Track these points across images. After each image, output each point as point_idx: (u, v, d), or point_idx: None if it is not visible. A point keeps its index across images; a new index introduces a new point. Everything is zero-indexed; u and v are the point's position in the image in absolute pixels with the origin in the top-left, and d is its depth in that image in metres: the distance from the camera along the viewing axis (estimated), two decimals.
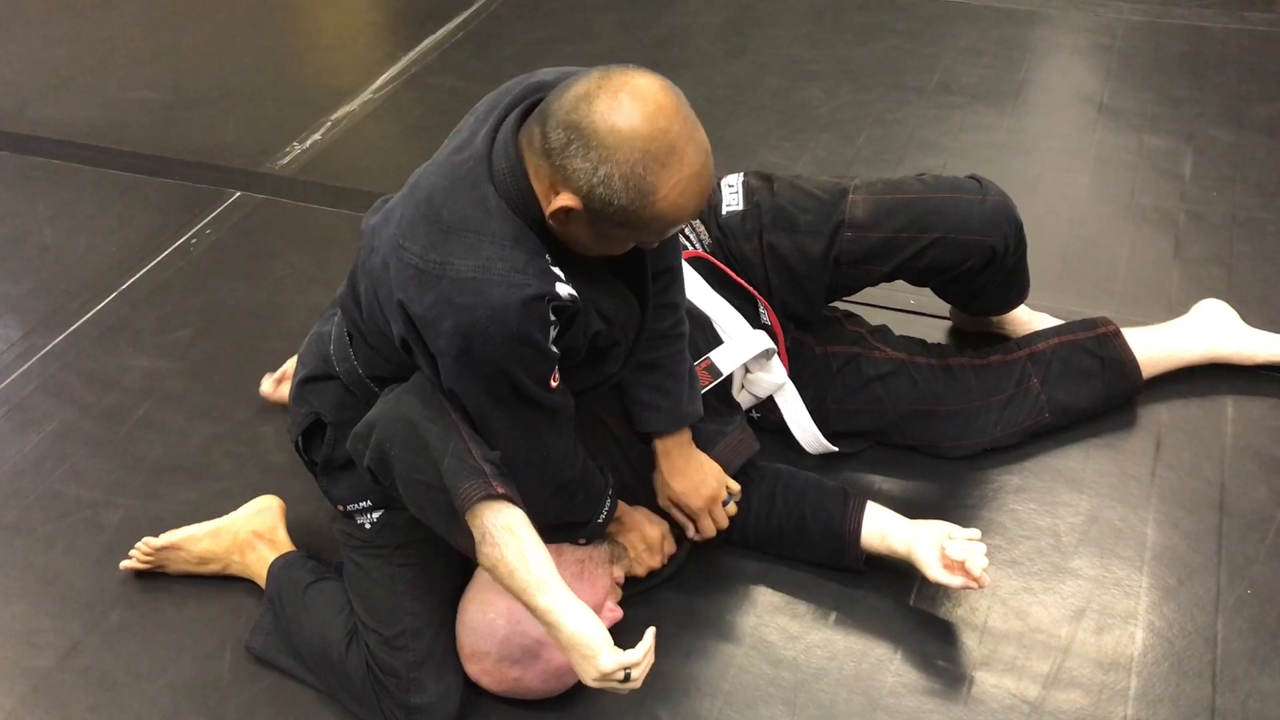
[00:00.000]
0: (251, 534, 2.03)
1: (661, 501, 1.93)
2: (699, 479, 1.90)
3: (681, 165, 1.45)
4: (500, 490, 1.57)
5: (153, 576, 2.07)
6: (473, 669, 1.79)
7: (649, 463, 1.92)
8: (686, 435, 1.91)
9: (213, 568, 2.04)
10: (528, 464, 1.67)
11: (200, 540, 2.03)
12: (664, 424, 1.88)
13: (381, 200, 1.74)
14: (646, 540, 1.92)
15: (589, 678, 1.54)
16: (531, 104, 1.56)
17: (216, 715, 1.84)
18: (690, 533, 1.95)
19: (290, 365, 2.37)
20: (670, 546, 1.96)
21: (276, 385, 2.37)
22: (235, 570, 2.04)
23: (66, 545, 2.16)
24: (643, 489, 1.94)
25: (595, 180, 1.44)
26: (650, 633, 1.57)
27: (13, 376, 2.58)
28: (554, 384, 1.63)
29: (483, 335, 1.50)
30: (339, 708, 1.83)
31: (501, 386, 1.58)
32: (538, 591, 1.55)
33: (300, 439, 1.88)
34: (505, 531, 1.56)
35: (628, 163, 1.42)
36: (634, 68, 1.48)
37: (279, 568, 1.96)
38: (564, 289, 1.55)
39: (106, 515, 2.21)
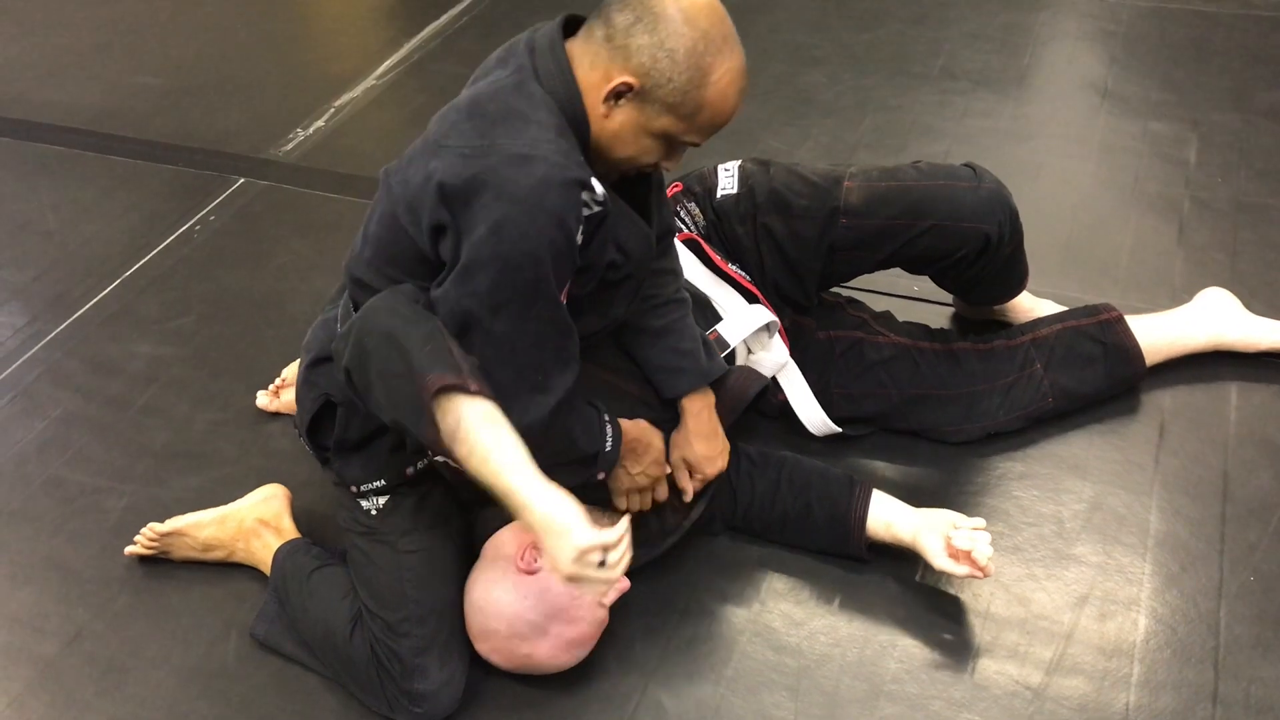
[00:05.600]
0: (257, 521, 2.03)
1: (675, 457, 1.92)
2: (720, 448, 1.91)
3: (733, 55, 1.58)
4: (474, 387, 1.52)
5: (157, 562, 2.07)
6: (483, 647, 1.79)
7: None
8: (713, 399, 1.92)
9: (217, 555, 2.05)
10: (527, 370, 1.63)
11: (205, 527, 2.04)
12: (691, 383, 1.89)
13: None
14: (655, 463, 1.88)
15: (565, 561, 1.46)
16: (563, 21, 1.66)
17: (222, 701, 1.85)
18: (688, 498, 1.93)
19: (288, 373, 2.37)
20: (658, 470, 1.89)
21: (274, 396, 2.37)
22: (240, 558, 2.04)
23: (71, 531, 2.17)
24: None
25: (659, 54, 1.54)
26: (625, 519, 1.53)
27: (17, 363, 2.59)
28: (563, 297, 1.62)
29: (523, 206, 1.51)
30: (343, 693, 1.84)
31: (524, 271, 1.55)
32: (507, 473, 1.50)
33: (309, 425, 1.87)
34: (479, 418, 1.51)
35: (691, 38, 1.54)
36: None
37: (284, 554, 1.97)
38: (598, 186, 1.58)
39: (111, 501, 2.22)
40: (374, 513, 1.83)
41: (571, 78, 1.60)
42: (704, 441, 1.90)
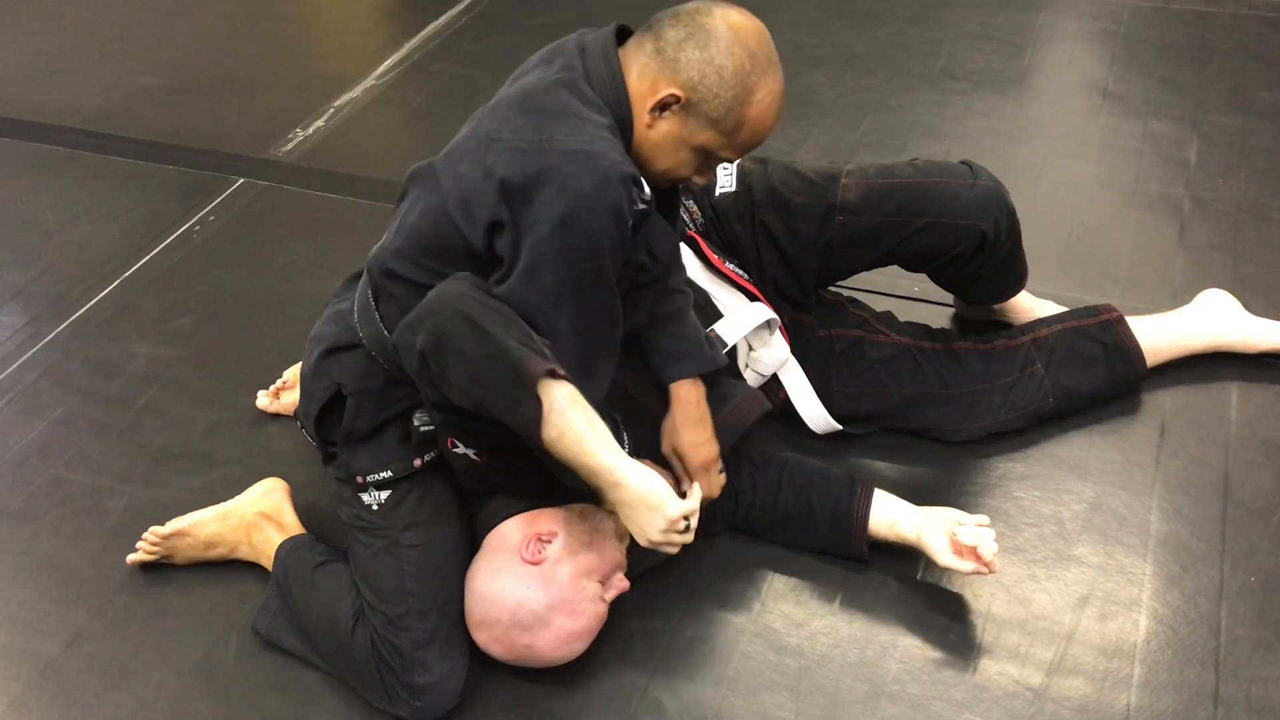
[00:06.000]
0: (258, 515, 2.04)
1: (665, 447, 1.91)
2: (707, 435, 1.90)
3: (776, 78, 1.65)
4: (562, 370, 1.60)
5: (158, 565, 2.07)
6: (483, 637, 1.79)
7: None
8: (703, 390, 1.91)
9: (220, 551, 2.05)
10: (580, 361, 1.67)
11: (207, 525, 2.04)
12: (693, 368, 1.89)
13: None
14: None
15: (655, 529, 1.63)
16: (615, 29, 1.72)
17: (222, 701, 1.85)
18: (686, 486, 1.90)
19: (290, 374, 2.37)
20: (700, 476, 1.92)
21: (274, 397, 2.37)
22: (242, 554, 2.04)
23: (72, 532, 2.16)
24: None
25: (708, 70, 1.60)
26: (697, 486, 1.76)
27: (17, 363, 2.59)
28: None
29: (587, 202, 1.55)
30: (345, 691, 1.84)
31: (586, 264, 1.60)
32: (603, 453, 1.61)
33: (317, 416, 1.87)
34: (569, 401, 1.60)
35: (739, 57, 1.60)
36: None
37: (287, 550, 1.97)
38: (646, 185, 1.64)
39: (111, 502, 2.21)
40: (375, 507, 1.84)
41: (623, 84, 1.65)
42: (692, 428, 1.88)
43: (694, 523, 1.65)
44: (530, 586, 1.74)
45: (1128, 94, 3.19)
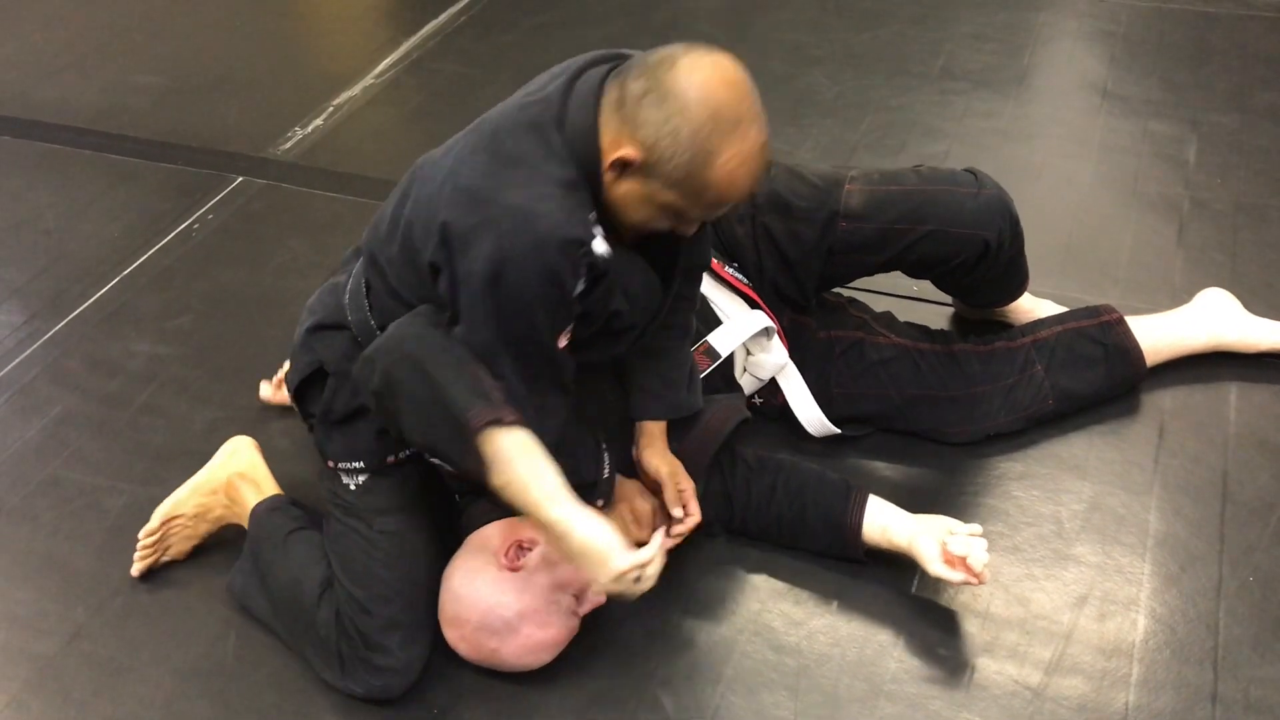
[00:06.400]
0: (234, 476, 2.04)
1: (643, 476, 1.93)
2: (670, 464, 1.91)
3: (744, 139, 1.51)
4: (510, 418, 1.58)
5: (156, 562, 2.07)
6: (451, 634, 1.80)
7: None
8: (664, 424, 1.92)
9: (212, 517, 2.05)
10: (529, 403, 1.65)
11: (188, 500, 2.04)
12: (660, 412, 1.90)
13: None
14: (636, 513, 1.91)
15: (604, 580, 1.58)
16: (616, 64, 1.60)
17: (221, 700, 1.85)
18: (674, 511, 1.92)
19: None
20: (673, 501, 1.92)
21: (277, 388, 2.36)
22: (233, 517, 2.05)
23: (70, 531, 2.16)
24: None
25: (664, 131, 1.48)
26: (659, 534, 1.66)
27: (15, 362, 2.58)
28: (561, 343, 1.63)
29: (518, 264, 1.52)
30: (342, 694, 1.83)
31: (518, 324, 1.58)
32: (550, 504, 1.58)
33: (298, 388, 1.89)
34: (517, 450, 1.57)
35: (697, 120, 1.48)
36: (718, 48, 1.55)
37: (262, 511, 1.98)
38: (601, 246, 1.57)
39: (109, 500, 2.21)
40: (353, 488, 1.85)
41: (595, 136, 1.55)
42: (655, 457, 1.90)
43: (651, 570, 1.60)
44: (505, 592, 1.74)
45: (1127, 94, 3.19)
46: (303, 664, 1.88)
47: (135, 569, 2.04)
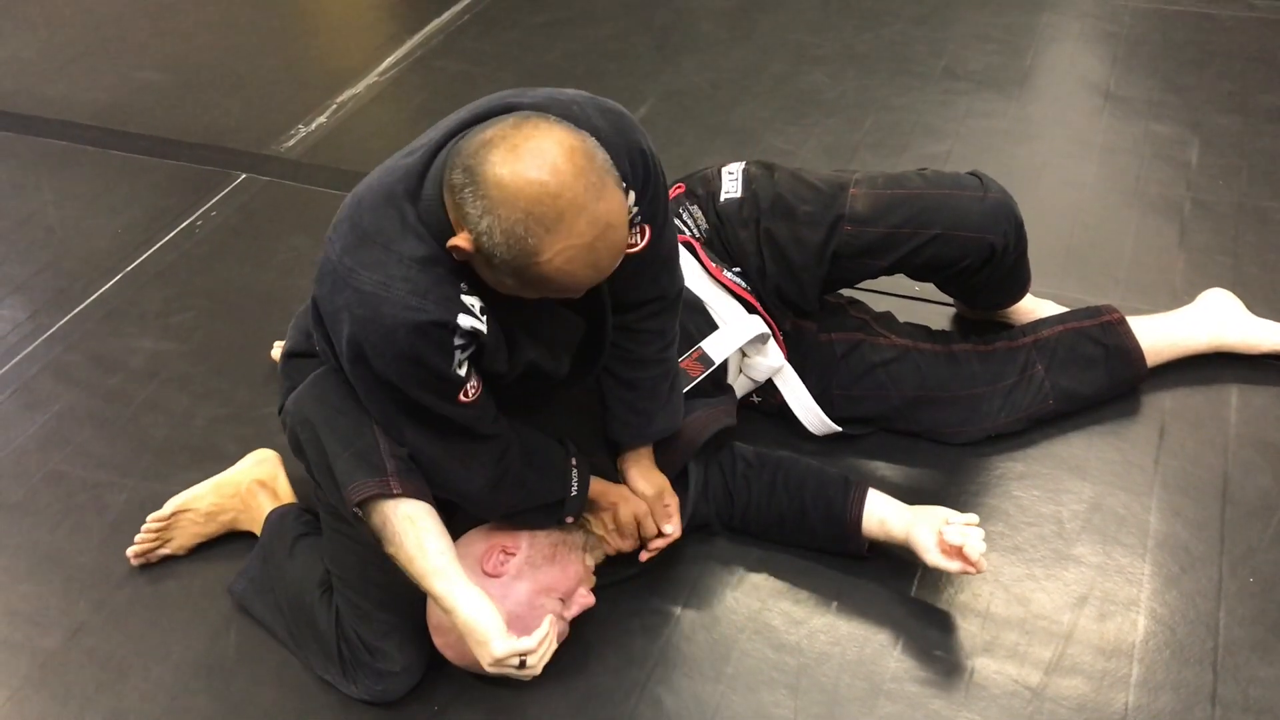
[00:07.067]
0: (254, 483, 2.07)
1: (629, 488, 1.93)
2: (661, 479, 1.91)
3: (569, 234, 1.39)
4: (397, 490, 1.61)
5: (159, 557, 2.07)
6: (438, 640, 1.80)
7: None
8: (649, 447, 1.92)
9: (222, 520, 2.07)
10: (444, 460, 1.67)
11: (205, 497, 2.06)
12: (629, 439, 1.89)
13: None
14: (617, 521, 1.88)
15: (485, 662, 1.62)
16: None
17: (222, 695, 1.85)
18: (649, 528, 1.90)
19: None
20: (650, 529, 1.91)
21: None
22: (243, 524, 2.06)
23: (72, 525, 2.17)
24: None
25: (481, 229, 1.40)
26: (548, 619, 1.67)
27: (18, 357, 2.59)
28: (465, 398, 1.59)
29: (374, 350, 1.52)
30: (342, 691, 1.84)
31: (400, 395, 1.59)
32: (434, 578, 1.62)
33: (280, 409, 1.90)
34: (405, 521, 1.63)
35: (509, 219, 1.38)
36: (555, 121, 1.43)
37: (275, 517, 2.00)
38: (468, 321, 1.51)
39: (112, 496, 2.22)
40: None
41: (444, 213, 1.47)
42: (639, 480, 1.90)
43: (533, 661, 1.62)
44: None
45: (1129, 95, 3.19)
46: (269, 631, 1.91)
47: (132, 550, 2.05)
